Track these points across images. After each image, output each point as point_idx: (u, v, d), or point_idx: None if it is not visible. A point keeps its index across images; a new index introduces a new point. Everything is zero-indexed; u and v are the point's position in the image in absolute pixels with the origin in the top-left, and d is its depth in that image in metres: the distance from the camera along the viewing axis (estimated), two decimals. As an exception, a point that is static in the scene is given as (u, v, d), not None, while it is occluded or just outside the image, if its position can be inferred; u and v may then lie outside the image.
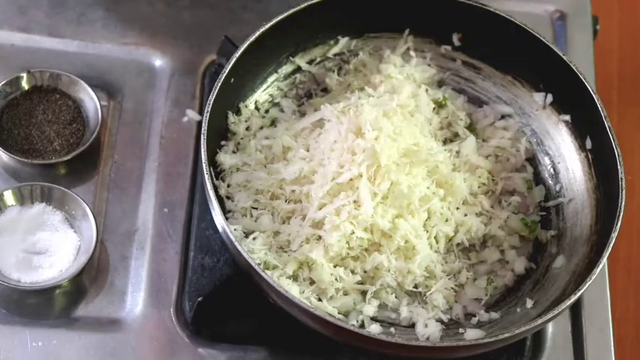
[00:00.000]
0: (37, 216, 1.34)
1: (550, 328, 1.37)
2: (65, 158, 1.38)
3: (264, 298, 1.26)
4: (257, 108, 1.42)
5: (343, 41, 1.46)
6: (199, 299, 1.31)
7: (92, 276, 1.34)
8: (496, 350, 1.29)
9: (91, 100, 1.41)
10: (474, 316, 1.33)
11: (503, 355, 1.33)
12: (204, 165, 1.27)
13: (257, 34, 1.36)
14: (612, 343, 1.37)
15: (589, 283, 1.25)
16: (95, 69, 1.46)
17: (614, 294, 1.40)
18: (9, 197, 1.34)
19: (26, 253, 1.32)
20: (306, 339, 1.29)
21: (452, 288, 1.34)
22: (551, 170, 1.42)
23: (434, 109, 1.44)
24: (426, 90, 1.44)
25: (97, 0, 1.51)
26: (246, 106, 1.41)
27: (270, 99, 1.44)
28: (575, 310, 1.38)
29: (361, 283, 1.32)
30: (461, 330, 1.31)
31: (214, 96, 1.32)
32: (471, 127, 1.45)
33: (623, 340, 1.41)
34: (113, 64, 1.47)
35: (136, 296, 1.34)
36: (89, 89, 1.41)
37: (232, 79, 1.35)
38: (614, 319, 1.39)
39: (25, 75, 1.42)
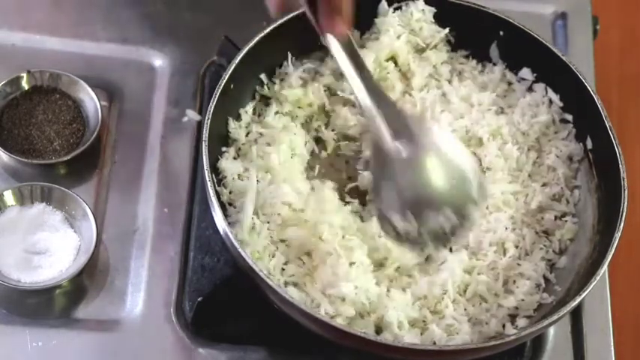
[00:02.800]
0: (37, 216, 1.34)
1: (550, 329, 1.37)
2: (65, 158, 1.38)
3: (265, 298, 1.26)
4: (258, 114, 1.42)
5: None
6: (199, 299, 1.31)
7: (92, 276, 1.34)
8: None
9: (91, 100, 1.41)
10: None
11: (504, 356, 1.33)
12: (206, 172, 1.27)
13: (256, 39, 1.36)
14: (612, 345, 1.37)
15: (594, 283, 1.25)
16: (95, 69, 1.46)
17: (614, 295, 1.40)
18: (9, 197, 1.34)
19: (26, 253, 1.32)
20: (306, 339, 1.28)
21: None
22: (553, 171, 1.43)
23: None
24: None
25: (96, 0, 1.51)
26: (246, 112, 1.40)
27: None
28: (576, 311, 1.38)
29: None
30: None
31: (214, 103, 1.31)
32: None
33: (623, 342, 1.41)
34: (113, 64, 1.47)
35: (136, 296, 1.33)
36: (89, 89, 1.41)
37: (232, 85, 1.35)
38: (614, 321, 1.39)
39: (25, 75, 1.41)
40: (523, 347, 1.35)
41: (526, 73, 1.43)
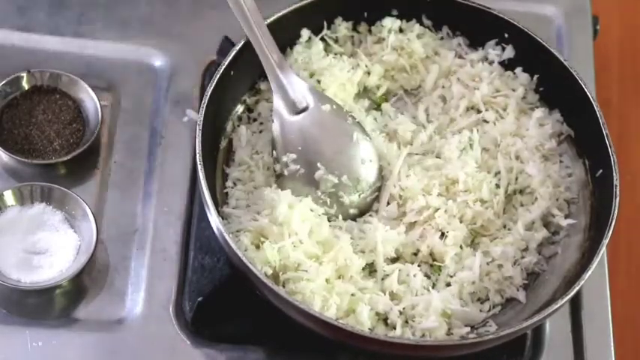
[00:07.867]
0: (37, 216, 1.34)
1: (550, 328, 1.37)
2: (65, 158, 1.38)
3: (264, 297, 1.26)
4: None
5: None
6: (199, 299, 1.32)
7: (92, 276, 1.34)
8: (497, 350, 1.29)
9: (91, 100, 1.41)
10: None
11: (504, 354, 1.33)
12: (198, 157, 1.27)
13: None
14: (612, 344, 1.38)
15: (577, 288, 1.25)
16: (95, 69, 1.46)
17: (614, 294, 1.40)
18: (9, 197, 1.35)
19: (26, 253, 1.32)
20: (306, 339, 1.29)
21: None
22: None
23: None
24: None
25: (97, 0, 1.51)
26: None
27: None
28: (575, 310, 1.39)
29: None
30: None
31: (212, 88, 1.31)
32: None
33: (623, 341, 1.41)
34: (113, 64, 1.47)
35: (136, 296, 1.34)
36: (89, 89, 1.41)
37: (232, 72, 1.35)
38: (614, 320, 1.39)
39: (25, 75, 1.42)
40: (523, 346, 1.35)
41: (527, 76, 1.44)
